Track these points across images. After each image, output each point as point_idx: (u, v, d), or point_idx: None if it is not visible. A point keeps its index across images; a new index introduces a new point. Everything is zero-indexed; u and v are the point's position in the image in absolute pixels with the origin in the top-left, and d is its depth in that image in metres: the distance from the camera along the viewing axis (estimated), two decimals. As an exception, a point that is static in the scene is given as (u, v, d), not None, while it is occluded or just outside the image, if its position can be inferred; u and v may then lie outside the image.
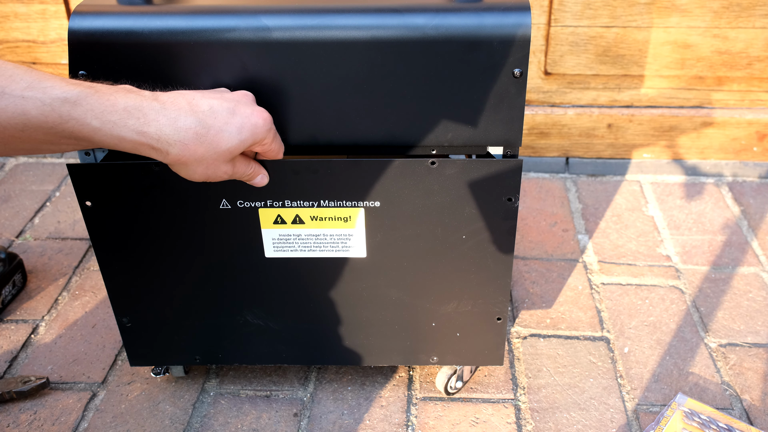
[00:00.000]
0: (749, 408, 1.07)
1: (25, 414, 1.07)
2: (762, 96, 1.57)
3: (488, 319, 0.99)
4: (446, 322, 0.99)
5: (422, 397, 1.09)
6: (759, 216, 1.48)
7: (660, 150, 1.60)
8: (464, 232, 0.91)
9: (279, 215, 0.90)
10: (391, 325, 1.00)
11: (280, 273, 0.95)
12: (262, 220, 0.91)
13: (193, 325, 1.01)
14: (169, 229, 0.92)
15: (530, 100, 1.59)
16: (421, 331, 1.00)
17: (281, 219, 0.90)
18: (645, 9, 1.47)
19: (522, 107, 0.82)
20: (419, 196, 0.88)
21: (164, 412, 1.07)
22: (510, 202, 0.88)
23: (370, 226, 0.90)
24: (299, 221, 0.91)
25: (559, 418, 1.06)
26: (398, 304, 0.97)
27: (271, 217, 0.90)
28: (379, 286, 0.96)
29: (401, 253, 0.93)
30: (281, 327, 1.01)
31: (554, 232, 1.44)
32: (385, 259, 0.93)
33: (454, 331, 1.00)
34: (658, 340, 1.19)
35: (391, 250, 0.93)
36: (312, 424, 1.05)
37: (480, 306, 0.97)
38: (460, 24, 0.79)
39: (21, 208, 1.53)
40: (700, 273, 1.33)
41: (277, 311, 0.99)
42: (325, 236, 0.92)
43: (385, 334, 1.01)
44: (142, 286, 0.97)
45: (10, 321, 1.24)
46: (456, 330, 1.00)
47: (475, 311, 0.98)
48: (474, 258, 0.93)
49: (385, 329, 1.00)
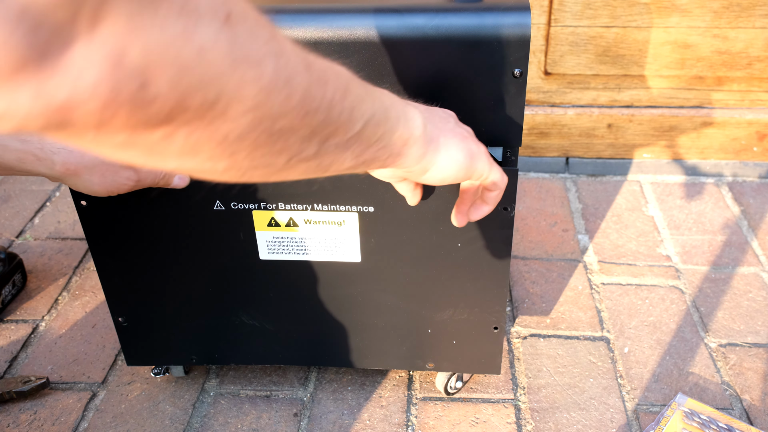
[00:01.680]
0: (749, 408, 1.07)
1: (25, 414, 1.07)
2: (762, 96, 1.57)
3: (485, 327, 0.98)
4: (442, 329, 0.98)
5: (422, 397, 1.09)
6: (759, 216, 1.48)
7: (660, 150, 1.60)
8: (459, 240, 0.90)
9: (273, 218, 0.90)
10: (386, 330, 0.99)
11: (274, 275, 0.95)
12: (256, 222, 0.90)
13: (188, 325, 1.01)
14: (164, 230, 0.91)
15: (530, 100, 1.59)
16: (417, 337, 0.99)
17: (275, 222, 0.90)
18: (645, 9, 1.47)
19: (522, 107, 0.82)
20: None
21: (164, 412, 1.07)
22: (506, 212, 0.87)
23: (364, 230, 0.90)
24: (293, 224, 0.90)
25: (559, 418, 1.06)
26: (393, 310, 0.97)
27: (264, 219, 0.90)
28: (374, 290, 0.95)
29: (396, 259, 0.92)
30: (277, 328, 1.00)
31: (554, 232, 1.44)
32: (379, 264, 0.93)
33: (450, 339, 0.99)
34: (658, 340, 1.19)
35: (386, 256, 0.92)
36: (312, 424, 1.05)
37: (476, 314, 0.96)
38: (460, 24, 0.79)
39: (21, 208, 1.53)
40: (700, 273, 1.33)
41: (272, 313, 0.99)
42: (319, 239, 0.91)
43: (381, 338, 1.00)
44: (138, 286, 0.97)
45: (10, 321, 1.24)
46: (452, 337, 0.99)
47: (472, 319, 0.97)
48: (469, 266, 0.92)
49: (380, 333, 0.99)
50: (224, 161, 0.37)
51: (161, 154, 0.35)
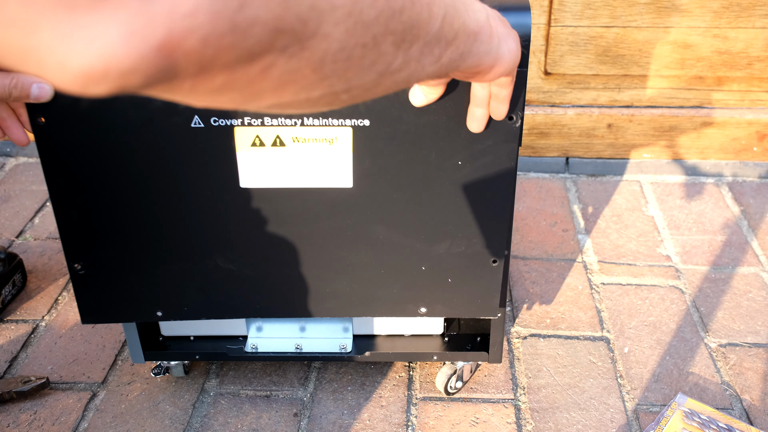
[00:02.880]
0: (749, 408, 1.07)
1: (25, 414, 1.07)
2: (762, 96, 1.57)
3: (483, 261, 0.89)
4: (437, 266, 0.90)
5: (422, 397, 1.09)
6: (759, 216, 1.48)
7: (660, 150, 1.61)
8: (460, 156, 0.82)
9: (257, 135, 0.81)
10: (376, 270, 0.90)
11: (256, 207, 0.85)
12: (238, 141, 0.81)
13: (155, 271, 0.90)
14: (133, 153, 0.81)
15: (530, 100, 1.59)
16: (410, 277, 0.91)
17: (260, 140, 0.81)
18: (645, 9, 1.47)
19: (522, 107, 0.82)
20: (413, 115, 0.79)
21: (164, 412, 1.07)
22: (511, 121, 0.80)
23: (358, 149, 0.82)
24: (280, 143, 0.82)
25: (559, 418, 1.06)
26: (385, 245, 0.88)
27: (248, 137, 0.81)
28: (365, 222, 0.87)
29: (391, 183, 0.84)
30: (256, 273, 0.90)
31: (554, 232, 1.44)
32: (372, 190, 0.84)
33: (445, 277, 0.91)
34: (658, 340, 1.19)
35: (380, 179, 0.83)
36: (312, 424, 1.05)
37: (475, 246, 0.88)
38: (460, 24, 0.79)
39: (21, 208, 1.53)
40: (700, 273, 1.33)
41: (251, 253, 0.88)
42: (307, 162, 0.82)
43: (370, 280, 0.91)
44: (100, 225, 0.86)
45: (10, 321, 1.24)
46: (447, 275, 0.91)
47: (469, 252, 0.89)
48: (470, 188, 0.84)
49: (370, 275, 0.91)
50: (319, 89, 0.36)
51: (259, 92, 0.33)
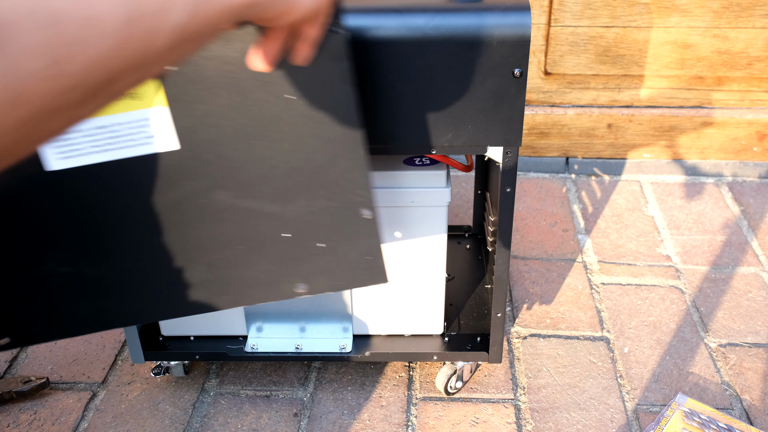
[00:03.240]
0: (749, 408, 1.07)
1: (25, 414, 1.07)
2: (762, 96, 1.57)
3: (351, 215, 0.76)
4: (300, 229, 0.77)
5: (422, 397, 1.09)
6: (759, 216, 1.48)
7: (660, 150, 1.61)
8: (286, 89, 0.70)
9: None
10: (233, 246, 0.76)
11: (74, 192, 0.72)
12: None
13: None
14: None
15: (530, 100, 1.59)
16: (274, 249, 0.77)
17: None
18: (645, 9, 1.47)
19: (522, 107, 0.82)
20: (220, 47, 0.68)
21: (164, 412, 1.07)
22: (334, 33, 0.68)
23: (172, 101, 0.69)
24: None
25: (559, 418, 1.06)
26: (234, 213, 0.75)
27: None
28: (203, 188, 0.74)
29: (220, 136, 0.72)
30: (98, 272, 0.77)
31: (554, 232, 1.44)
32: (203, 148, 0.72)
33: (313, 241, 0.77)
34: (658, 340, 1.19)
35: (207, 134, 0.71)
36: (312, 424, 1.05)
37: (338, 198, 0.75)
38: (460, 24, 0.79)
39: None
40: (700, 273, 1.33)
41: (85, 249, 0.75)
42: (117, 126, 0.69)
43: (230, 260, 0.77)
44: None
45: (10, 321, 1.24)
46: (315, 238, 0.77)
47: (333, 207, 0.76)
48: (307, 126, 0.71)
49: (226, 253, 0.77)
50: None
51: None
